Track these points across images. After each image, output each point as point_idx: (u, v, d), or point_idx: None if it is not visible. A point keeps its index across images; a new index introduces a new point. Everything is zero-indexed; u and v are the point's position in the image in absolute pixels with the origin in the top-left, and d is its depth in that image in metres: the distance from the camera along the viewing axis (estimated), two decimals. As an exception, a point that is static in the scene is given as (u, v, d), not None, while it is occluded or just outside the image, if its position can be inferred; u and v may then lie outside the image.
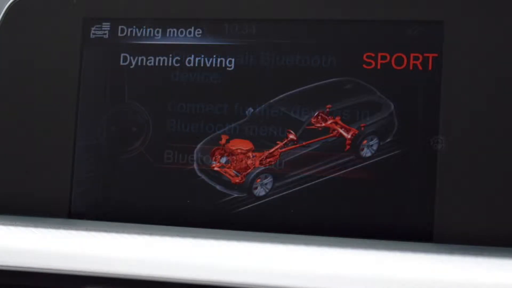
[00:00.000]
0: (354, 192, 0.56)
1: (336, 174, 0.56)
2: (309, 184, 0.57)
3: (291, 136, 0.58)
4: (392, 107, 0.56)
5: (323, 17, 0.58)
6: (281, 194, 0.57)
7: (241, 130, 0.58)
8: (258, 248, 0.51)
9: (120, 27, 0.61)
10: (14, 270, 0.49)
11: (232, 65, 0.59)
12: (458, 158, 0.54)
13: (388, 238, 0.55)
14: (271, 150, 0.58)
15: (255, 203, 0.58)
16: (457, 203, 0.54)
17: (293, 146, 0.58)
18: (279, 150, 0.58)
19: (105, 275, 0.48)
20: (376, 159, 0.56)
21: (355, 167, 0.56)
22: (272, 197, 0.57)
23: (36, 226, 0.53)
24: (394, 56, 0.56)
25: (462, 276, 0.46)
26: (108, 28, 0.61)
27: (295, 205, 0.57)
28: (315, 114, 0.57)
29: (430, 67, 0.56)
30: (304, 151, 0.57)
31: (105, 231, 0.53)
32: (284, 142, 0.58)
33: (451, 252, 0.50)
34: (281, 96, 0.58)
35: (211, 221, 0.58)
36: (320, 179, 0.57)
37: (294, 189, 0.57)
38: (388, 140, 0.56)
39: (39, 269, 0.49)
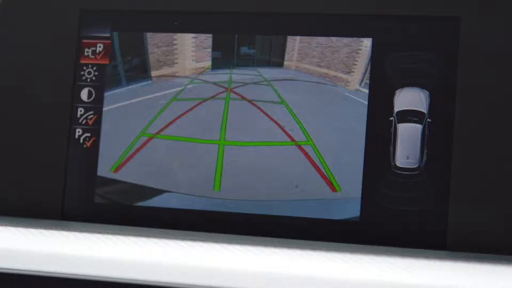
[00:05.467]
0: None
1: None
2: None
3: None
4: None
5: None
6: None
7: None
8: (257, 249, 0.50)
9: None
10: (9, 272, 0.49)
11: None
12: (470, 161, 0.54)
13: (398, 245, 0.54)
14: None
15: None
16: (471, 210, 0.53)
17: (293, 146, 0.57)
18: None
19: (99, 279, 0.47)
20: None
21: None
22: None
23: (29, 227, 0.53)
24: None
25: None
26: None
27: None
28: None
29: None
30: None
31: (99, 232, 0.53)
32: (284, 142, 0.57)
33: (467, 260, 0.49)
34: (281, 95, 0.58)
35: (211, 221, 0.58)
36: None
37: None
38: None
39: (34, 272, 0.48)
